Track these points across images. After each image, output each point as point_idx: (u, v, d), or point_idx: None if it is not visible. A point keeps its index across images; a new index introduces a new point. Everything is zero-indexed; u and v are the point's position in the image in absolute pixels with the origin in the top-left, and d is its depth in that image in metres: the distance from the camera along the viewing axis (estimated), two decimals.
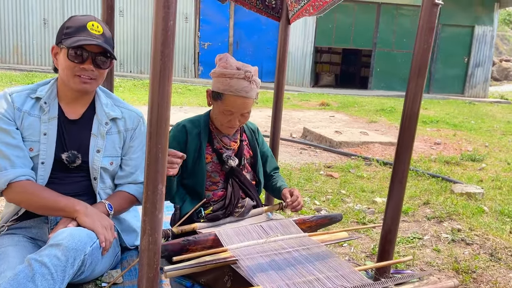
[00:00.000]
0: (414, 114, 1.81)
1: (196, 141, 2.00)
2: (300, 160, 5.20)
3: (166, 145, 1.38)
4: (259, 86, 1.96)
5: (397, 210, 1.92)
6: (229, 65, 1.90)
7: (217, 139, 2.05)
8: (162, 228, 1.45)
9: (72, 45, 1.72)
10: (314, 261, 1.62)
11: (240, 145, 2.09)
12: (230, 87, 1.86)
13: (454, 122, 8.72)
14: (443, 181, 4.30)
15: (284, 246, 1.71)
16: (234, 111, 1.90)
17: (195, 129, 2.01)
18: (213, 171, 2.03)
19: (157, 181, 1.39)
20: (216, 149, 2.03)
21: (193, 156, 1.99)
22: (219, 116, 1.95)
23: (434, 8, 1.72)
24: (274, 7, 2.67)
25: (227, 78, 1.87)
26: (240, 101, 1.88)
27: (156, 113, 1.35)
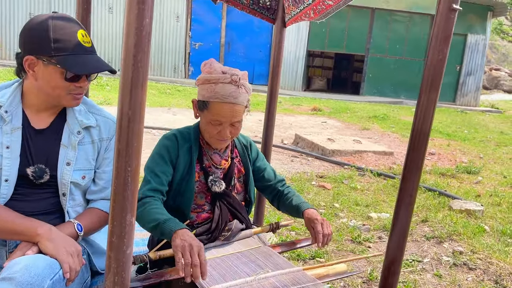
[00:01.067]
0: (425, 132, 1.61)
1: (187, 156, 1.76)
2: (291, 168, 4.99)
3: (138, 167, 1.15)
4: (249, 91, 1.73)
5: (403, 237, 1.71)
6: (214, 70, 1.68)
7: (207, 156, 1.81)
8: (131, 263, 1.22)
9: (79, 72, 1.52)
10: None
11: (231, 164, 1.85)
12: (216, 93, 1.64)
13: (448, 132, 8.59)
14: (441, 195, 4.12)
15: (276, 284, 1.49)
16: (222, 120, 1.66)
17: (186, 143, 1.77)
18: (199, 192, 1.78)
19: (126, 210, 1.16)
20: (205, 168, 1.79)
21: (182, 173, 1.74)
22: (207, 127, 1.71)
23: (451, 14, 1.52)
24: (269, 8, 2.46)
25: (212, 84, 1.66)
26: (228, 108, 1.65)
27: (126, 129, 1.11)
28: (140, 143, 1.12)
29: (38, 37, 1.52)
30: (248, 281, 1.55)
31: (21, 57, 1.55)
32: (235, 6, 2.37)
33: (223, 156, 1.82)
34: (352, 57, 17.65)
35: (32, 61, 1.53)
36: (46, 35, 1.54)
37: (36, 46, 1.52)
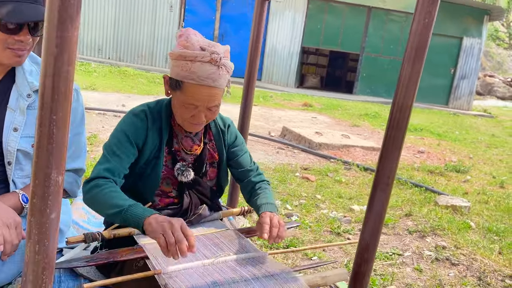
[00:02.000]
0: (406, 107, 1.46)
1: (156, 138, 1.52)
2: (275, 160, 4.83)
3: (66, 117, 0.98)
4: (230, 71, 1.47)
5: (378, 223, 1.56)
6: (191, 44, 1.40)
7: (177, 140, 1.58)
8: (57, 232, 1.05)
9: (12, 20, 1.33)
10: (270, 286, 1.25)
11: (203, 148, 1.62)
12: (192, 74, 1.38)
13: (439, 132, 8.49)
14: (427, 191, 3.99)
15: (236, 268, 1.34)
16: (198, 104, 1.43)
17: (156, 122, 1.53)
18: (165, 178, 1.56)
19: (50, 167, 0.99)
20: (173, 152, 1.56)
21: (148, 157, 1.52)
22: (180, 110, 1.47)
23: None
24: None
25: (188, 62, 1.39)
26: (205, 92, 1.41)
27: (52, 70, 0.95)
28: (70, 88, 0.95)
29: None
30: (205, 263, 1.40)
31: None
32: None
33: (195, 141, 1.61)
34: (347, 56, 17.54)
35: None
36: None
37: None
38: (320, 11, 14.72)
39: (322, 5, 14.67)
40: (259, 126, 6.83)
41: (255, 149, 5.23)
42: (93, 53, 13.29)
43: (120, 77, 10.21)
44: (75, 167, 1.67)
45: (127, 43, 13.47)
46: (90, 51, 13.30)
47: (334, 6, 14.73)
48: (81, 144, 1.71)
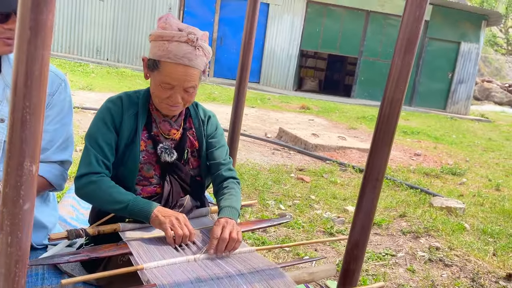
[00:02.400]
0: (397, 99, 1.42)
1: (132, 122, 1.54)
2: (271, 160, 4.80)
3: (40, 103, 0.94)
4: (208, 55, 1.51)
5: (368, 219, 1.52)
6: (169, 26, 1.46)
7: (156, 124, 1.59)
8: (32, 223, 1.02)
9: (4, 10, 1.30)
10: (255, 282, 1.22)
11: (183, 134, 1.62)
12: (169, 53, 1.42)
13: (435, 135, 8.47)
14: (422, 193, 3.96)
15: (222, 265, 1.31)
16: (174, 83, 1.45)
17: (132, 107, 1.56)
18: (146, 163, 1.56)
19: (23, 155, 0.95)
20: (153, 136, 1.57)
21: (126, 141, 1.53)
22: (157, 90, 1.49)
23: None
24: None
25: (165, 42, 1.43)
26: (181, 71, 1.43)
27: (25, 52, 0.91)
28: (44, 73, 0.91)
29: None
30: (190, 259, 1.36)
31: None
32: None
33: (173, 125, 1.60)
34: (345, 59, 17.55)
35: None
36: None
37: None
38: (319, 15, 14.73)
39: (321, 8, 14.69)
40: (256, 127, 6.81)
41: (250, 150, 5.20)
42: (92, 54, 13.26)
43: (117, 78, 10.19)
44: (61, 159, 1.63)
45: (126, 44, 13.45)
46: (88, 52, 13.27)
47: (333, 10, 14.74)
48: (68, 135, 1.67)
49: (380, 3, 14.63)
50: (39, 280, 1.69)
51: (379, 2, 14.63)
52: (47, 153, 1.57)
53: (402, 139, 7.49)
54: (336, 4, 14.58)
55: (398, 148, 6.52)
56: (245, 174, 3.97)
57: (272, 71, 14.61)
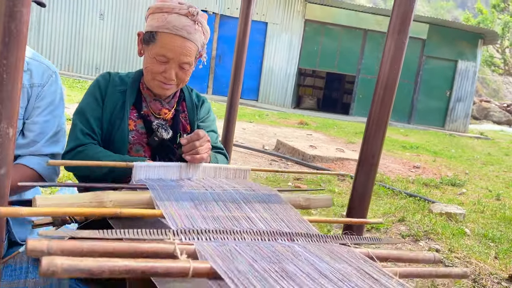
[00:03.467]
0: (392, 82, 1.39)
1: (118, 98, 1.48)
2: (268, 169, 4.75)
3: (19, 64, 0.92)
4: (206, 34, 1.47)
5: (364, 204, 1.47)
6: (169, 0, 1.43)
7: (146, 103, 1.53)
8: (8, 191, 0.97)
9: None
10: (252, 200, 1.11)
11: (175, 115, 1.56)
12: (167, 23, 1.37)
13: (435, 150, 8.44)
14: (421, 200, 3.90)
15: (218, 184, 1.23)
16: (169, 56, 1.39)
17: (120, 85, 1.50)
18: (135, 143, 1.49)
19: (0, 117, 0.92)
20: (144, 115, 1.50)
21: (111, 116, 1.46)
22: (151, 64, 1.42)
23: None
24: None
25: (165, 13, 1.39)
26: (179, 42, 1.38)
27: (3, 10, 0.89)
28: (24, 31, 0.89)
29: None
30: (183, 165, 1.27)
31: None
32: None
33: (164, 105, 1.54)
34: (343, 78, 17.66)
35: None
36: None
37: None
38: (317, 34, 14.90)
39: (319, 27, 14.87)
40: (253, 141, 6.78)
41: (247, 161, 5.15)
42: (91, 71, 13.34)
43: None
44: (53, 152, 1.58)
45: (125, 62, 13.54)
46: (88, 69, 13.35)
47: (331, 29, 14.92)
48: (60, 128, 1.62)
49: (377, 22, 14.82)
50: (23, 274, 1.63)
51: (376, 21, 14.82)
52: (37, 146, 1.53)
53: (401, 153, 7.45)
54: (333, 23, 14.76)
55: (397, 161, 6.48)
56: None
57: (271, 89, 14.68)
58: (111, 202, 0.93)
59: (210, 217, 0.91)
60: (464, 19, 29.47)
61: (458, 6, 56.10)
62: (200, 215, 0.90)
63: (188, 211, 0.91)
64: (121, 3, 13.26)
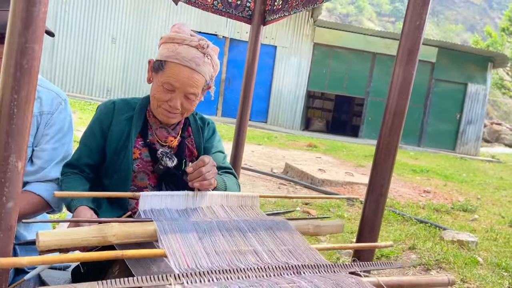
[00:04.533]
0: (400, 110, 1.38)
1: (124, 126, 1.49)
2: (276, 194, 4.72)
3: (30, 96, 0.92)
4: (216, 67, 1.49)
5: (374, 231, 1.45)
6: (182, 31, 1.46)
7: (152, 131, 1.53)
8: (15, 224, 0.97)
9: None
10: (258, 228, 1.11)
11: (181, 142, 1.56)
12: (177, 54, 1.40)
13: (445, 174, 8.34)
14: (432, 227, 3.83)
15: (224, 212, 1.22)
16: (176, 85, 1.41)
17: (127, 112, 1.51)
18: (140, 171, 1.49)
19: (9, 150, 0.93)
20: (149, 144, 1.51)
21: (116, 146, 1.47)
22: (157, 92, 1.44)
23: None
24: (238, 4, 2.26)
25: (176, 44, 1.42)
26: (186, 73, 1.40)
27: (15, 45, 0.90)
28: (34, 67, 0.90)
29: None
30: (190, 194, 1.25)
31: None
32: (198, 7, 2.17)
33: (171, 132, 1.55)
34: (352, 100, 17.71)
35: None
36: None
37: None
38: (325, 57, 15.02)
39: (327, 51, 15.00)
40: (262, 163, 6.76)
41: (256, 184, 5.14)
42: (102, 94, 13.54)
43: None
44: (59, 176, 1.59)
45: (136, 85, 13.73)
46: (99, 92, 13.56)
47: (339, 52, 15.04)
48: (68, 154, 1.64)
49: (386, 45, 14.91)
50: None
51: (385, 44, 14.91)
52: (45, 171, 1.54)
53: (411, 177, 7.37)
54: (342, 46, 14.89)
55: (407, 185, 6.41)
56: None
57: (280, 111, 14.75)
58: (114, 236, 0.93)
59: (214, 253, 0.90)
60: (473, 42, 29.54)
61: (467, 29, 56.39)
62: (204, 252, 0.89)
63: (192, 248, 0.90)
64: (133, 28, 13.54)
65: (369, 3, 59.75)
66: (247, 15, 2.32)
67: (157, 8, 13.61)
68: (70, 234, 0.93)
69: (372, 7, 60.00)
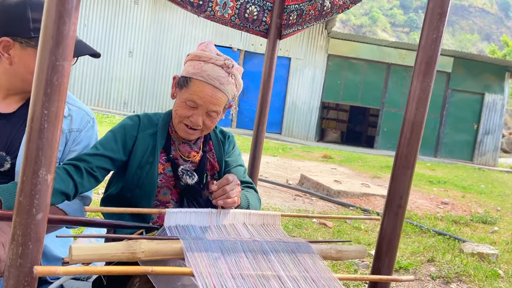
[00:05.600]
0: (418, 123, 1.39)
1: (148, 142, 1.52)
2: (292, 206, 4.72)
3: (59, 111, 0.96)
4: (239, 87, 1.54)
5: (392, 248, 1.44)
6: (209, 50, 1.50)
7: (175, 146, 1.57)
8: (43, 235, 1.00)
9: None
10: (281, 250, 1.12)
11: (202, 157, 1.59)
12: (202, 72, 1.44)
13: (463, 185, 8.22)
14: (451, 239, 3.78)
15: (247, 232, 1.24)
16: (199, 103, 1.44)
17: (151, 127, 1.54)
18: (163, 187, 1.52)
19: (39, 163, 0.96)
20: (172, 159, 1.54)
21: (140, 161, 1.49)
22: (179, 108, 1.48)
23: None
24: (255, 19, 2.30)
25: (201, 62, 1.46)
26: (209, 91, 1.43)
27: (46, 61, 0.94)
28: (65, 82, 0.94)
29: (15, 16, 1.37)
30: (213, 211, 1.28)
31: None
32: (217, 21, 2.21)
33: (193, 147, 1.58)
34: (367, 111, 17.63)
35: (7, 43, 1.37)
36: (24, 14, 1.40)
37: (12, 26, 1.36)
38: (340, 68, 15.02)
39: (342, 62, 15.00)
40: (277, 175, 6.77)
41: (272, 196, 5.14)
42: (119, 107, 13.74)
43: None
44: (83, 194, 1.63)
45: (152, 97, 13.91)
46: (116, 105, 13.76)
47: (354, 63, 15.03)
48: None
49: (400, 56, 14.86)
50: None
51: (400, 55, 14.86)
52: None
53: (428, 188, 7.28)
54: (356, 57, 14.88)
55: (424, 197, 6.33)
56: None
57: (294, 123, 14.76)
58: (143, 252, 0.95)
59: (239, 276, 0.93)
60: (489, 51, 29.24)
61: (483, 38, 55.83)
62: (229, 274, 0.92)
63: (218, 268, 0.93)
64: (149, 41, 13.76)
65: (383, 14, 59.69)
66: (264, 29, 2.36)
67: (174, 21, 13.82)
68: (100, 249, 0.96)
69: (386, 17, 59.90)
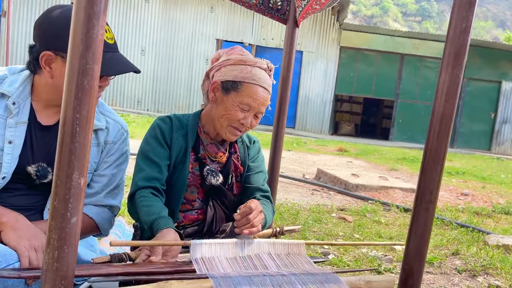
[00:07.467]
0: (448, 115, 1.35)
1: (181, 142, 1.56)
2: (310, 201, 4.70)
3: (91, 114, 0.96)
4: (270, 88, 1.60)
5: (423, 246, 1.42)
6: (247, 54, 1.56)
7: (203, 146, 1.60)
8: (78, 239, 1.00)
9: (106, 74, 1.40)
10: (309, 282, 1.12)
11: (228, 158, 1.62)
12: (253, 75, 1.49)
13: (482, 175, 8.09)
14: (474, 231, 3.72)
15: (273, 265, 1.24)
16: (253, 105, 1.48)
17: (182, 128, 1.58)
18: (191, 185, 1.56)
19: (72, 167, 0.96)
20: (200, 158, 1.58)
21: (175, 160, 1.54)
22: (231, 111, 1.49)
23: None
24: (279, 8, 2.32)
25: (248, 66, 1.50)
26: (262, 94, 1.50)
27: (77, 66, 0.94)
28: (94, 86, 0.93)
29: (58, 31, 1.36)
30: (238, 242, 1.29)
31: (36, 51, 1.39)
32: (242, 4, 2.23)
33: (220, 148, 1.61)
34: (381, 102, 17.45)
35: (49, 57, 1.37)
36: (66, 29, 1.41)
37: (55, 41, 1.36)
38: (352, 60, 14.88)
39: (354, 53, 14.86)
40: (293, 169, 6.74)
41: (289, 190, 5.12)
42: (133, 105, 13.83)
43: None
44: (111, 204, 1.63)
45: (165, 95, 13.97)
46: (130, 103, 13.85)
47: (366, 54, 14.87)
48: (121, 182, 1.68)
49: (414, 46, 14.66)
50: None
51: (413, 45, 14.66)
52: (99, 196, 1.59)
53: (447, 179, 7.18)
54: (369, 48, 14.72)
55: (443, 188, 6.25)
56: (284, 213, 3.88)
57: (308, 116, 14.68)
58: None
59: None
60: (505, 38, 28.67)
61: (497, 25, 54.78)
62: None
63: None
64: (162, 40, 13.80)
65: (394, 3, 58.91)
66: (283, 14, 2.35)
67: (185, 18, 13.84)
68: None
69: (397, 7, 59.12)
